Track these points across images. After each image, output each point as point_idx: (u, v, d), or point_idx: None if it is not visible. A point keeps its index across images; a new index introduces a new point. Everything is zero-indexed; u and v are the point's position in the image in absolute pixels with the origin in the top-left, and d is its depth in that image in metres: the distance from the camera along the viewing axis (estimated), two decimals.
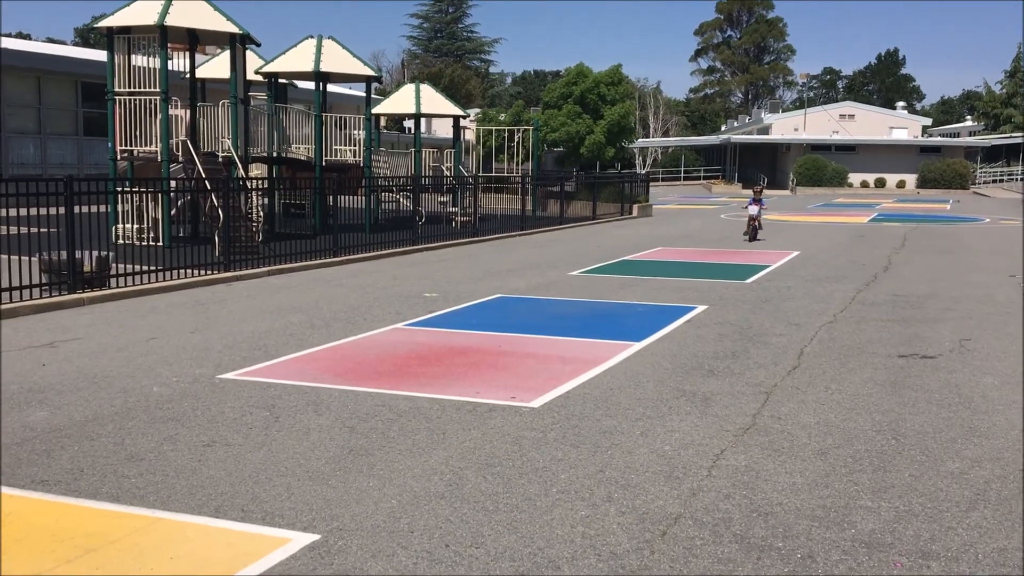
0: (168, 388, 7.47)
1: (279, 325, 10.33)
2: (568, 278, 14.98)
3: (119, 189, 12.48)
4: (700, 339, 9.77)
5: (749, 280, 14.83)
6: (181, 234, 19.36)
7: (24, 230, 13.14)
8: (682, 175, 72.16)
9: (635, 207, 33.98)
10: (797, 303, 12.33)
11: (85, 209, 16.25)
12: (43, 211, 11.67)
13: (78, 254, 12.02)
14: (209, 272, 14.05)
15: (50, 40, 69.71)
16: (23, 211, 11.27)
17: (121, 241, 18.15)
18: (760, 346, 9.41)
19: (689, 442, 6.15)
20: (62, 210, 11.92)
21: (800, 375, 8.16)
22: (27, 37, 56.85)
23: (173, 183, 17.82)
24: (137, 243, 17.47)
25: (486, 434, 6.27)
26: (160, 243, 17.52)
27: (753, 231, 22.48)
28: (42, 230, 12.04)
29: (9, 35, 45.29)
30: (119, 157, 18.86)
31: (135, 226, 18.44)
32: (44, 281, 11.62)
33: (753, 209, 22.52)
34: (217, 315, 10.95)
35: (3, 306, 10.61)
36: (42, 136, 30.51)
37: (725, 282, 14.53)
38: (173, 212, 20.04)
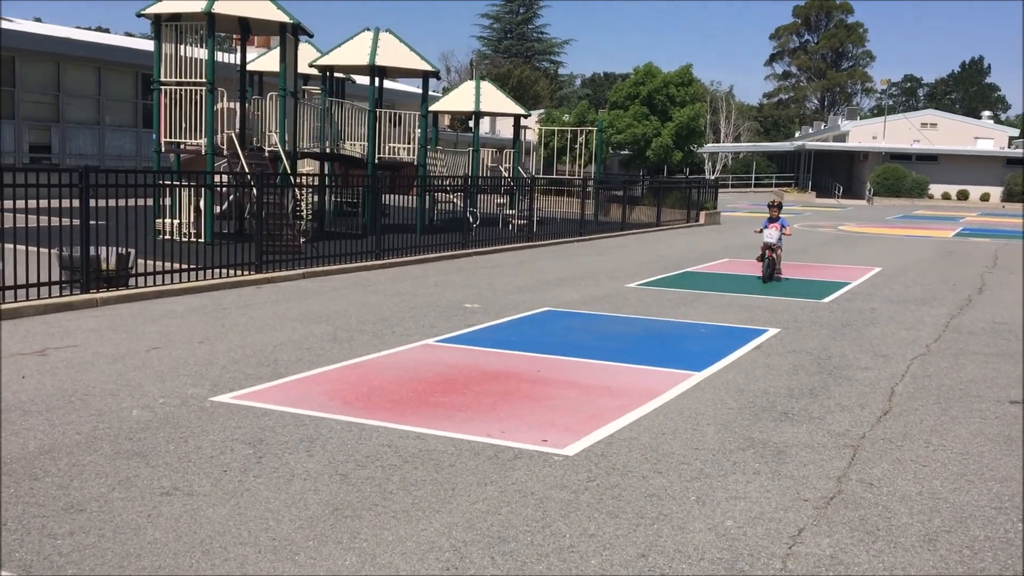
0: (149, 412, 6.47)
1: (298, 336, 9.32)
2: (625, 291, 13.72)
3: (138, 183, 11.63)
4: (771, 371, 8.47)
5: (827, 299, 13.40)
6: (227, 231, 18.61)
7: (56, 222, 12.38)
8: (753, 182, 70.03)
9: (702, 214, 32.48)
10: (883, 329, 10.91)
11: (132, 202, 15.58)
12: (77, 203, 10.88)
13: (98, 250, 11.21)
14: (242, 273, 13.17)
15: (127, 34, 70.58)
16: (55, 203, 10.50)
17: (164, 236, 17.48)
18: (843, 382, 8.08)
19: (758, 515, 4.90)
20: (100, 202, 11.13)
21: (893, 423, 6.82)
22: (106, 31, 57.55)
23: (218, 178, 17.12)
24: (179, 239, 16.81)
25: (504, 492, 5.11)
26: (202, 239, 16.77)
27: (770, 266, 15.09)
28: (75, 222, 11.23)
29: (88, 28, 45.70)
30: (164, 149, 18.20)
31: (177, 221, 17.77)
32: (62, 278, 10.81)
33: (770, 234, 15.02)
34: (235, 322, 10.00)
35: (6, 305, 9.81)
36: (101, 127, 30.29)
37: (800, 301, 13.12)
38: (222, 208, 19.38)
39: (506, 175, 27.13)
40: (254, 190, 15.55)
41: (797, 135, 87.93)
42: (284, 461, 5.52)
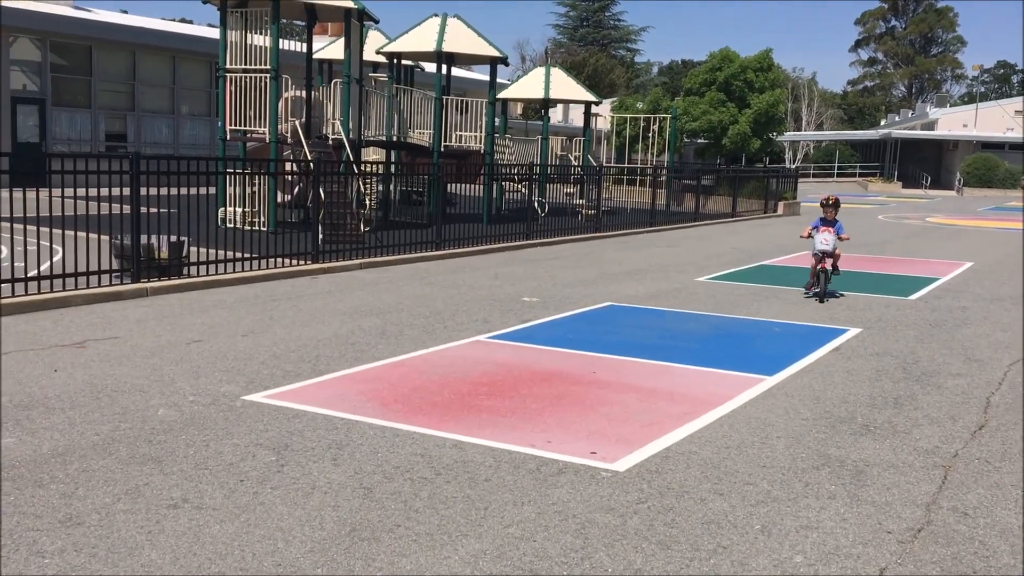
0: (176, 411, 6.11)
1: (345, 331, 8.92)
2: (694, 285, 13.02)
3: (190, 170, 11.37)
4: (851, 376, 7.74)
5: (914, 296, 12.48)
6: (293, 219, 18.43)
7: (117, 210, 12.22)
8: (835, 171, 67.85)
9: (780, 204, 31.32)
10: (976, 330, 10.02)
11: (193, 191, 15.45)
12: (143, 191, 10.68)
13: (149, 239, 11.01)
14: (298, 262, 12.88)
15: (210, 25, 71.80)
16: (116, 191, 10.31)
17: (228, 225, 17.38)
18: (932, 391, 7.31)
19: (832, 550, 4.27)
20: (164, 191, 10.92)
21: (989, 440, 6.06)
22: (189, 23, 58.61)
23: (290, 166, 16.92)
24: (243, 227, 16.69)
25: (543, 513, 4.57)
26: (266, 228, 16.60)
27: (823, 280, 11.61)
28: (147, 210, 11.06)
29: (171, 19, 46.46)
30: (229, 137, 18.10)
31: (241, 209, 17.66)
32: (112, 267, 10.64)
33: (824, 239, 11.70)
34: (283, 315, 9.65)
35: (56, 294, 9.64)
36: (175, 116, 30.60)
37: (884, 298, 12.24)
38: (290, 197, 19.23)
39: (575, 164, 26.50)
40: (315, 180, 15.30)
41: (883, 123, 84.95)
42: (307, 471, 5.07)
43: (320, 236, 14.79)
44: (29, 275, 9.70)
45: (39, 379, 6.77)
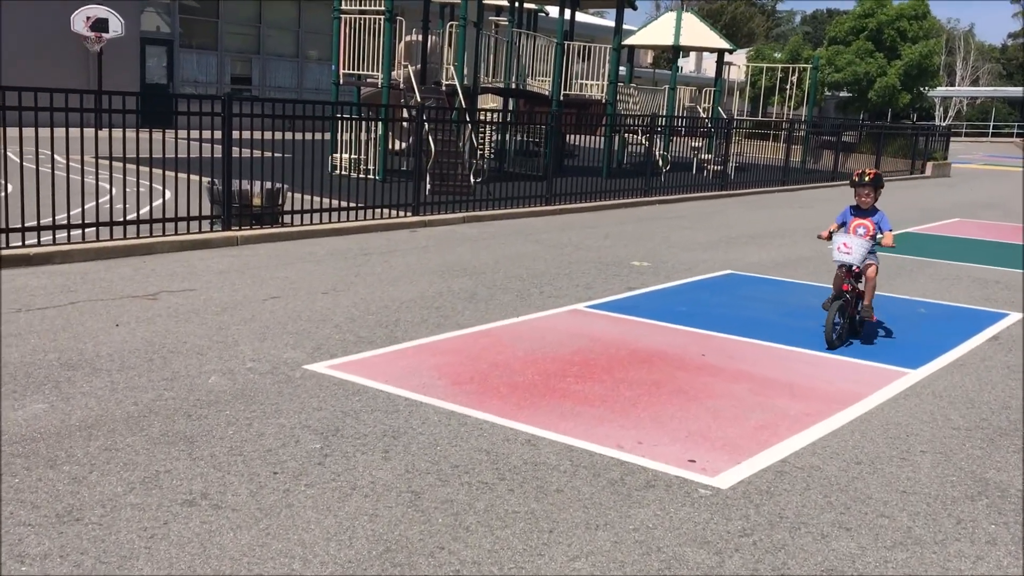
0: (229, 379, 5.53)
1: (432, 292, 8.21)
2: (827, 253, 11.70)
3: (284, 114, 10.83)
4: (1014, 374, 6.51)
5: None
6: (405, 168, 17.89)
7: (236, 154, 11.86)
8: (990, 131, 63.05)
9: (929, 165, 28.94)
10: None
11: (308, 136, 15.03)
12: (259, 135, 10.25)
13: (245, 186, 10.57)
14: (399, 214, 12.26)
15: None
16: (239, 135, 9.90)
17: (339, 172, 16.98)
18: None
19: None
20: (279, 136, 10.46)
21: None
22: None
23: (406, 113, 16.32)
24: (354, 175, 16.27)
25: (619, 543, 3.73)
26: (375, 177, 16.10)
27: (836, 314, 6.87)
28: (266, 154, 10.67)
29: None
30: (342, 81, 17.63)
31: (352, 156, 17.22)
32: (201, 213, 10.24)
33: (850, 245, 7.03)
34: (371, 271, 9.03)
35: (142, 240, 9.29)
36: (299, 59, 30.55)
37: None
38: (404, 145, 18.68)
39: (704, 116, 24.99)
40: (425, 127, 14.62)
41: None
42: (351, 464, 4.37)
43: (427, 187, 14.18)
44: (121, 220, 9.39)
45: (96, 334, 6.32)
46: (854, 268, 6.99)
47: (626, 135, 22.21)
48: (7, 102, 8.34)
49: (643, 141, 22.81)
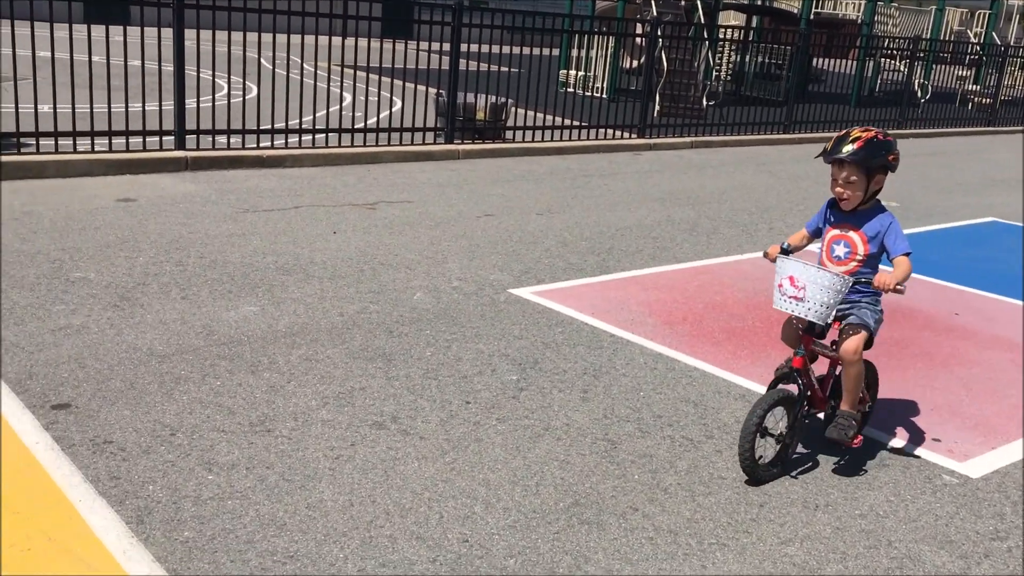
0: (434, 297, 5.39)
1: (651, 220, 7.74)
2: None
3: (514, 25, 10.49)
4: None
5: None
6: (636, 88, 17.24)
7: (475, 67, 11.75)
8: None
9: None
10: None
11: (545, 52, 14.74)
12: (487, 48, 10.07)
13: (470, 99, 10.44)
14: (623, 136, 11.75)
15: None
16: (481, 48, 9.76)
17: (569, 89, 16.64)
18: None
19: None
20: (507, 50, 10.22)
21: None
22: None
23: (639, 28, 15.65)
24: (584, 92, 15.89)
25: (843, 529, 3.22)
26: (604, 95, 15.61)
27: (801, 404, 3.63)
28: (494, 68, 10.59)
29: None
30: None
31: (583, 73, 16.79)
32: (425, 125, 10.22)
33: (812, 275, 3.49)
34: (589, 194, 8.66)
35: (368, 148, 9.38)
36: None
37: None
38: (636, 64, 18.00)
39: (974, 42, 22.34)
40: (659, 44, 13.89)
41: None
42: (547, 402, 4.09)
43: (656, 108, 13.53)
44: (349, 128, 9.53)
45: (314, 240, 6.39)
46: (826, 322, 3.59)
47: (882, 60, 20.27)
48: (262, 4, 8.60)
49: (901, 67, 20.75)
